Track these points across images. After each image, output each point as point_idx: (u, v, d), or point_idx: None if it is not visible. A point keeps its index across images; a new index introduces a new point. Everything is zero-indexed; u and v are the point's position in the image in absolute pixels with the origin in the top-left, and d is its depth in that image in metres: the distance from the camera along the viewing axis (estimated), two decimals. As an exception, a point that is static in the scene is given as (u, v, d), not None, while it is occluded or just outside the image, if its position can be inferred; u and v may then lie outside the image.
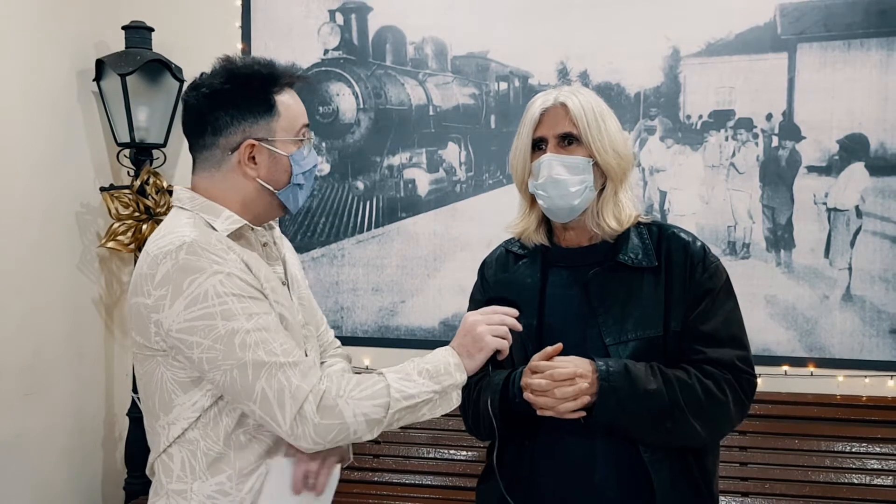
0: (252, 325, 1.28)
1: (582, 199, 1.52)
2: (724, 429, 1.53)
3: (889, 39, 2.68)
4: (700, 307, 1.50)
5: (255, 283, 1.33)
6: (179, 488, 1.37)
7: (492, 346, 1.39)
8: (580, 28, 2.87)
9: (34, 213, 2.78)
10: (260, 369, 1.26)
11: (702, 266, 1.52)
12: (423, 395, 1.34)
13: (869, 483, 2.55)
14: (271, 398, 1.26)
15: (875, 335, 2.71)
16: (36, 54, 2.77)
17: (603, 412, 1.42)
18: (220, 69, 1.39)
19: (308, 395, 1.27)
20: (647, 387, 1.43)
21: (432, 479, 2.76)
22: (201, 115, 1.38)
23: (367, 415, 1.29)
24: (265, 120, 1.38)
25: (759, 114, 2.78)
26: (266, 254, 1.45)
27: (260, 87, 1.38)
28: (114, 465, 3.16)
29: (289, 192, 1.42)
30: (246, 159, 1.38)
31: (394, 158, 3.03)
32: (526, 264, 1.61)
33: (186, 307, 1.27)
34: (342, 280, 3.07)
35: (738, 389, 1.48)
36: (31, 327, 2.77)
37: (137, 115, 2.93)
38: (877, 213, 2.70)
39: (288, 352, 1.29)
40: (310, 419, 1.27)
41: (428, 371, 1.35)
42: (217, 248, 1.30)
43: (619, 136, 1.54)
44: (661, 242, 1.55)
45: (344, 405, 1.28)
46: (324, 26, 3.06)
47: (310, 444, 1.29)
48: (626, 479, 1.49)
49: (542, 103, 1.54)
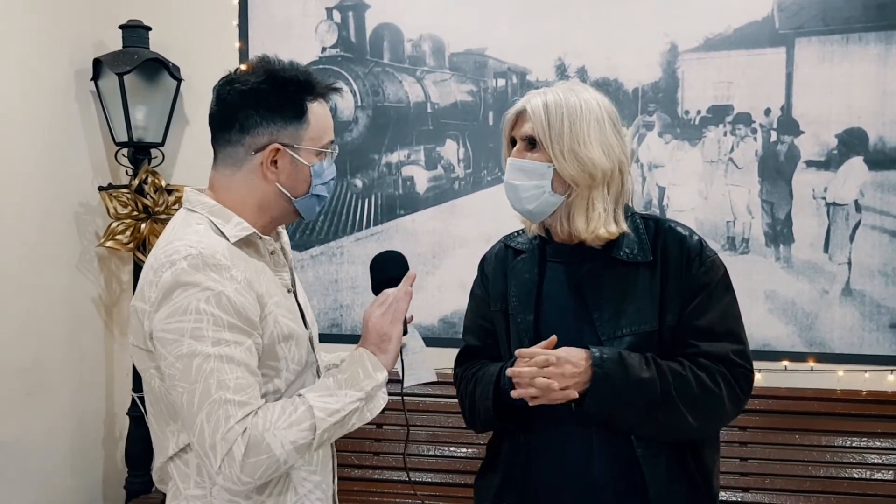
0: (215, 351, 1.24)
1: (539, 203, 1.50)
2: (718, 422, 1.53)
3: (887, 33, 2.67)
4: (696, 301, 1.49)
5: (249, 307, 1.29)
6: (198, 493, 1.35)
7: (395, 332, 1.40)
8: (578, 24, 2.86)
9: (33, 214, 2.78)
10: (204, 400, 1.23)
11: (698, 260, 1.50)
12: (349, 405, 1.32)
13: (869, 477, 2.55)
14: (207, 434, 1.23)
15: (875, 329, 2.71)
16: (33, 54, 2.77)
17: (595, 399, 1.42)
18: (259, 68, 1.38)
19: (238, 437, 1.22)
20: (641, 375, 1.42)
21: (432, 476, 2.76)
22: (232, 110, 1.36)
23: (294, 442, 1.26)
24: (294, 126, 1.37)
25: (758, 109, 2.77)
26: (273, 261, 1.44)
27: (295, 93, 1.36)
28: (115, 465, 3.17)
29: (306, 200, 1.41)
30: (269, 162, 1.36)
31: (392, 156, 3.03)
32: (524, 259, 1.61)
33: (167, 316, 1.26)
34: (341, 278, 3.07)
35: (732, 383, 1.47)
36: (31, 327, 2.77)
37: (135, 115, 2.93)
38: (876, 207, 2.70)
39: (240, 388, 1.24)
40: (237, 461, 1.22)
41: (347, 381, 1.34)
42: (220, 264, 1.28)
43: (592, 143, 1.46)
44: (658, 236, 1.54)
45: (271, 438, 1.24)
46: (321, 24, 3.06)
47: (235, 484, 1.25)
48: (621, 475, 1.49)
49: (517, 106, 1.53)
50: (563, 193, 1.49)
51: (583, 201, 1.49)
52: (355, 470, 2.78)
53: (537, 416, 1.50)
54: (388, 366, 1.39)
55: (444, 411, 2.82)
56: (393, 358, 1.40)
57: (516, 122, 1.53)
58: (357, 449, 2.82)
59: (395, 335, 1.40)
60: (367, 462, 2.80)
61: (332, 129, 1.43)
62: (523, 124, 1.51)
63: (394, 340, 1.40)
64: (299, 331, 1.41)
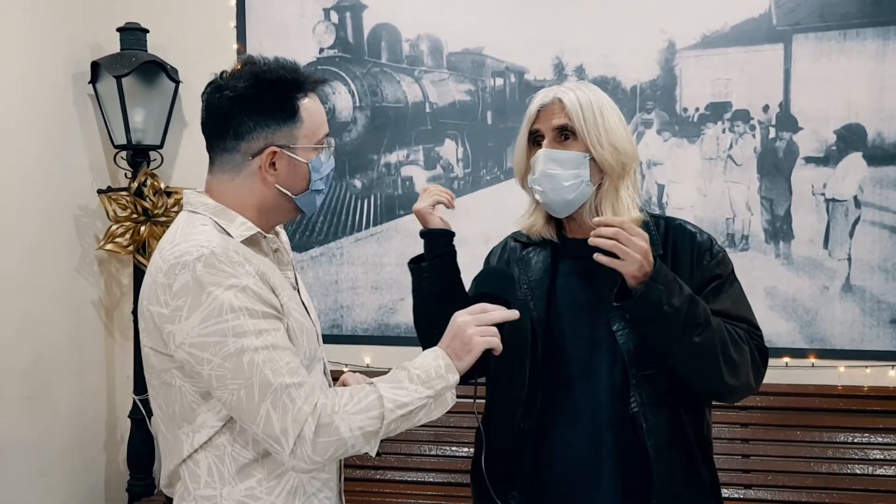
0: (261, 342, 1.26)
1: (577, 194, 1.51)
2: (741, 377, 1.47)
3: (885, 29, 2.67)
4: (709, 289, 1.51)
5: (270, 296, 1.31)
6: (208, 494, 1.35)
7: (480, 347, 1.37)
8: (575, 22, 2.87)
9: (32, 217, 2.78)
10: (266, 391, 1.25)
11: (709, 254, 1.54)
12: (418, 401, 1.33)
13: (871, 473, 2.55)
14: (275, 421, 1.25)
15: (875, 325, 2.71)
16: (31, 58, 2.77)
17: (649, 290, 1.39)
18: (246, 72, 1.36)
19: (308, 416, 1.26)
20: (693, 294, 1.43)
21: (434, 476, 2.76)
22: (224, 118, 1.36)
23: (362, 428, 1.28)
24: (288, 127, 1.36)
25: (756, 105, 2.77)
26: (277, 259, 1.44)
27: (285, 93, 1.36)
28: (116, 467, 3.16)
29: (307, 196, 1.41)
30: (267, 165, 1.36)
31: (391, 156, 3.03)
32: (535, 251, 1.62)
33: (202, 321, 1.25)
34: (341, 279, 3.07)
35: (754, 350, 1.49)
36: (32, 330, 2.77)
37: (134, 117, 2.93)
38: (875, 202, 2.70)
39: (294, 371, 1.28)
40: (308, 440, 1.25)
41: (419, 377, 1.34)
42: (234, 260, 1.29)
43: (620, 132, 1.52)
44: (668, 233, 1.56)
45: (340, 421, 1.27)
46: (319, 25, 3.06)
47: (308, 464, 1.27)
48: (628, 465, 1.48)
49: (541, 99, 1.55)
50: (595, 184, 1.53)
51: (610, 192, 1.53)
52: (357, 470, 2.78)
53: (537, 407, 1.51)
54: (460, 371, 1.38)
55: (448, 412, 2.82)
56: (466, 366, 1.38)
57: (538, 116, 1.54)
58: (358, 449, 2.82)
59: (477, 350, 1.37)
60: (368, 462, 2.80)
61: (326, 123, 1.43)
62: (552, 117, 1.52)
63: (473, 354, 1.37)
64: (308, 325, 1.42)
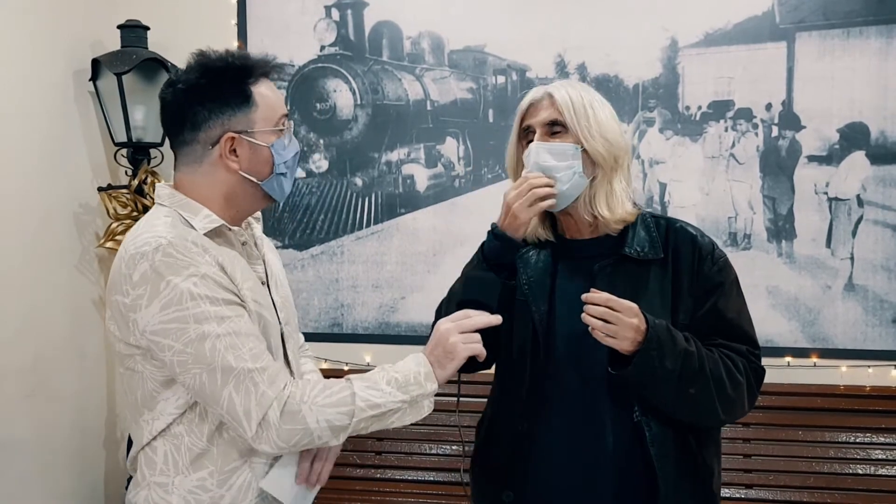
0: (223, 329, 1.28)
1: (571, 185, 1.51)
2: (739, 410, 1.51)
3: (888, 27, 2.66)
4: (710, 301, 1.50)
5: (230, 284, 1.33)
6: (162, 481, 1.37)
7: (463, 354, 1.39)
8: (577, 20, 2.86)
9: (32, 215, 2.78)
10: (228, 375, 1.27)
11: (710, 259, 1.52)
12: (391, 404, 1.33)
13: (873, 473, 2.54)
14: (238, 404, 1.27)
15: (878, 325, 2.70)
16: (32, 55, 2.77)
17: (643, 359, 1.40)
18: (195, 64, 1.39)
19: (273, 401, 1.28)
20: (686, 347, 1.43)
21: (434, 475, 2.76)
22: (179, 110, 1.38)
23: (330, 421, 1.29)
24: (243, 112, 1.38)
25: (759, 104, 2.76)
26: (246, 252, 1.45)
27: (235, 80, 1.38)
28: (116, 466, 3.16)
29: (272, 181, 1.42)
30: (227, 152, 1.38)
31: (392, 154, 3.02)
32: (535, 250, 1.61)
33: (162, 309, 1.28)
34: (342, 277, 3.07)
35: (751, 376, 1.49)
36: (31, 328, 2.76)
37: (134, 115, 2.92)
38: (878, 201, 2.69)
39: (257, 356, 1.30)
40: (273, 425, 1.27)
41: (397, 381, 1.34)
42: (192, 251, 1.30)
43: (611, 124, 1.53)
44: (669, 235, 1.55)
45: (307, 411, 1.28)
46: (320, 22, 3.05)
47: (273, 448, 1.30)
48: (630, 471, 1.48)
49: (532, 95, 1.57)
50: (588, 177, 1.53)
51: (604, 186, 1.53)
52: (357, 469, 2.78)
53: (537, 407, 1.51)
54: (441, 381, 1.39)
55: (447, 409, 2.80)
56: (448, 375, 1.40)
57: (528, 111, 1.56)
58: (359, 448, 2.81)
59: (460, 359, 1.39)
60: (368, 461, 2.80)
61: (283, 104, 1.44)
62: (540, 112, 1.54)
63: (456, 362, 1.39)
64: (270, 320, 1.42)
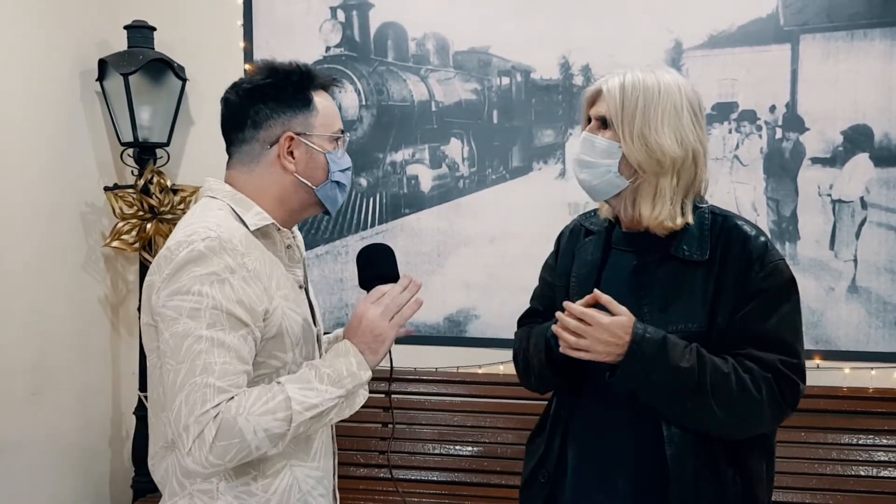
0: (208, 333, 1.25)
1: (602, 182, 1.49)
2: (754, 426, 1.46)
3: (892, 29, 2.66)
4: (750, 306, 1.44)
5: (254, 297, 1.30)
6: (205, 488, 1.36)
7: (391, 336, 1.39)
8: (582, 21, 2.86)
9: (39, 214, 2.79)
10: (187, 381, 1.24)
11: (759, 263, 1.45)
12: (328, 402, 1.31)
13: (876, 475, 2.54)
14: (183, 414, 1.24)
15: (881, 327, 2.70)
16: (38, 55, 2.78)
17: (624, 372, 1.40)
18: (262, 67, 1.43)
19: (211, 420, 1.23)
20: (679, 364, 1.39)
21: (438, 475, 2.76)
22: (241, 109, 1.40)
23: (268, 430, 1.25)
24: (303, 115, 1.40)
25: (763, 106, 2.76)
26: (288, 256, 1.45)
27: (299, 84, 1.41)
28: (121, 464, 3.18)
29: (327, 189, 1.44)
30: (285, 153, 1.39)
31: (396, 155, 3.03)
32: (591, 241, 1.61)
33: (170, 293, 1.27)
34: (346, 277, 3.08)
35: (776, 391, 1.42)
36: (38, 327, 2.78)
37: (140, 115, 2.94)
38: (882, 203, 2.69)
39: (224, 374, 1.25)
40: (207, 443, 1.23)
41: (329, 376, 1.32)
42: (237, 250, 1.30)
43: (663, 127, 1.45)
44: (722, 234, 1.49)
45: (244, 422, 1.23)
46: (325, 23, 3.06)
47: (203, 467, 1.25)
48: (646, 466, 1.48)
49: (596, 85, 1.54)
50: (628, 177, 1.49)
51: (650, 188, 1.48)
52: (361, 469, 2.79)
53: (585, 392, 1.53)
54: (373, 365, 1.38)
55: (450, 410, 2.82)
56: (380, 359, 1.39)
57: (594, 101, 1.53)
58: (363, 448, 2.82)
59: (391, 339, 1.39)
60: (372, 461, 2.81)
61: (340, 119, 1.46)
62: (597, 103, 1.52)
63: (387, 343, 1.39)
64: (307, 326, 1.42)
